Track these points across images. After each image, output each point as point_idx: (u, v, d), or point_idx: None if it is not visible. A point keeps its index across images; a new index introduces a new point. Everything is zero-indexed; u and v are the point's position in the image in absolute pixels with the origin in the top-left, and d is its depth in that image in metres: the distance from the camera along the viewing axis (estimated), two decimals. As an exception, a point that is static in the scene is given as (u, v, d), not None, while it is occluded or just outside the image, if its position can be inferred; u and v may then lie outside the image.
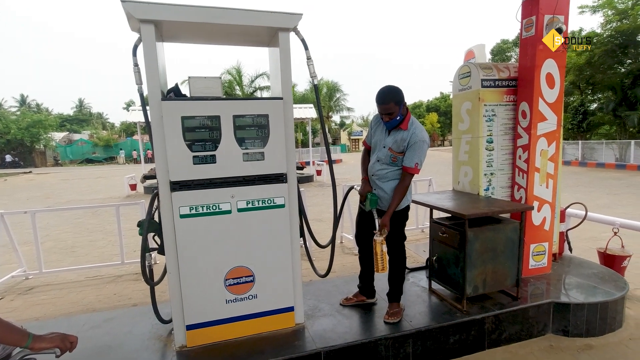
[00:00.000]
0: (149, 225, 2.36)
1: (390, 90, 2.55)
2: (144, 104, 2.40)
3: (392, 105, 2.51)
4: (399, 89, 2.57)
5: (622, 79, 19.18)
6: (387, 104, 2.52)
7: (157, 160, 2.26)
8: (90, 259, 5.52)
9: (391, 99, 2.51)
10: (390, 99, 2.51)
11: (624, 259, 3.59)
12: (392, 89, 2.56)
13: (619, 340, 2.85)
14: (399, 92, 2.55)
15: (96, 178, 21.58)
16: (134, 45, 2.32)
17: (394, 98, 2.52)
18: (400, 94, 2.55)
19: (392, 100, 2.51)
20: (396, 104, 2.52)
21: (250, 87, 26.87)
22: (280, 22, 2.37)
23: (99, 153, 41.00)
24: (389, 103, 2.52)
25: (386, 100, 2.52)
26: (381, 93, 2.55)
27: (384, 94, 2.54)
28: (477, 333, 2.74)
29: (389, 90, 2.55)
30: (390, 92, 2.54)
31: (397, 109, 2.53)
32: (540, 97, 3.18)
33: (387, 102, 2.52)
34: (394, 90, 2.55)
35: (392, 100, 2.51)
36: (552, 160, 3.31)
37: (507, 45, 29.08)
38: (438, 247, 3.09)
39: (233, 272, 2.45)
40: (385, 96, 2.53)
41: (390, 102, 2.51)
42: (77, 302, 3.90)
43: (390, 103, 2.51)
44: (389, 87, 2.57)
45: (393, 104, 2.51)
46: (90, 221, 8.36)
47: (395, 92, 2.53)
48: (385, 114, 2.56)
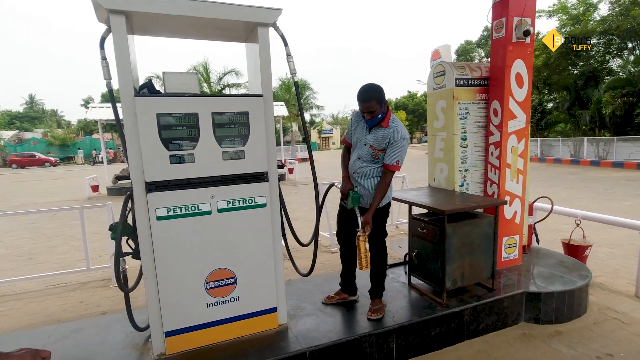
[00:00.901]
0: (123, 229, 2.22)
1: (372, 88, 2.55)
2: (113, 100, 2.26)
3: (374, 103, 2.51)
4: (380, 87, 2.57)
5: (575, 80, 20.50)
6: (369, 102, 2.52)
7: (130, 160, 2.13)
8: (51, 266, 5.17)
9: (373, 97, 2.51)
10: (372, 97, 2.51)
11: (585, 249, 3.83)
12: (373, 87, 2.55)
13: (585, 325, 3.03)
14: (381, 90, 2.56)
15: (52, 179, 20.31)
16: (101, 38, 2.17)
17: (375, 97, 2.51)
18: (381, 92, 2.55)
19: (373, 99, 2.51)
20: (378, 102, 2.52)
21: (218, 84, 26.19)
22: (260, 17, 2.31)
23: (55, 153, 38.56)
24: (371, 101, 2.51)
25: (368, 98, 2.52)
26: (363, 91, 2.54)
27: (366, 92, 2.53)
28: (457, 325, 2.82)
29: (370, 89, 2.54)
30: (372, 90, 2.53)
31: (378, 107, 2.53)
32: (511, 96, 3.31)
33: (369, 101, 2.52)
34: (375, 88, 2.55)
35: (374, 99, 2.51)
36: (522, 156, 3.46)
37: (470, 46, 30.26)
38: (417, 243, 3.14)
39: (214, 275, 2.37)
40: (367, 94, 2.52)
41: (372, 101, 2.51)
42: (39, 312, 3.64)
43: (372, 101, 2.51)
44: (370, 85, 2.56)
45: (375, 102, 2.51)
46: (48, 226, 7.84)
47: (377, 91, 2.53)
48: (367, 112, 2.56)
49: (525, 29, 3.19)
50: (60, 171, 27.22)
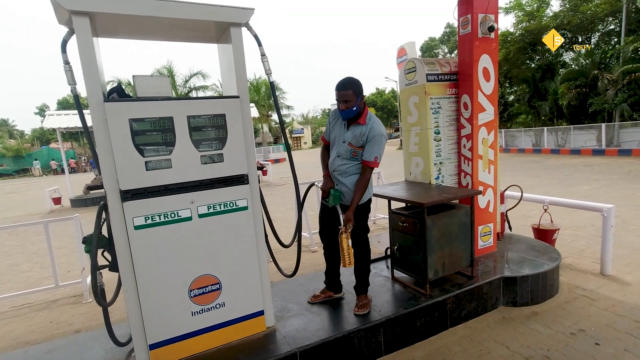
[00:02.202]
0: (98, 241, 2.11)
1: (351, 79, 2.61)
2: (79, 106, 2.15)
3: (351, 92, 2.55)
4: (359, 81, 2.63)
5: (533, 73, 21.56)
6: (346, 90, 2.55)
7: (103, 168, 2.03)
8: (14, 285, 4.86)
9: (350, 86, 2.56)
10: (350, 86, 2.56)
11: (554, 232, 4.04)
12: (352, 79, 2.62)
13: (558, 304, 3.20)
14: (359, 83, 2.62)
15: (7, 194, 19.06)
16: (62, 40, 2.05)
17: (353, 86, 2.56)
18: (359, 85, 2.60)
19: (351, 88, 2.56)
20: (354, 94, 2.56)
21: (184, 87, 25.49)
22: (232, 17, 2.26)
23: (8, 165, 36.17)
24: (348, 90, 2.55)
25: (345, 86, 2.56)
26: (341, 81, 2.60)
27: (345, 81, 2.59)
28: (440, 314, 2.89)
29: (349, 80, 2.60)
30: (351, 81, 2.60)
31: (354, 98, 2.57)
32: (479, 90, 3.43)
33: (347, 89, 2.55)
34: (354, 80, 2.62)
35: (351, 88, 2.56)
36: (492, 147, 3.60)
37: (434, 43, 31.15)
38: (398, 237, 3.20)
39: (198, 282, 2.30)
40: (345, 83, 2.58)
41: (349, 89, 2.55)
42: (4, 336, 3.41)
43: (349, 90, 2.55)
44: (350, 77, 2.63)
45: (352, 92, 2.55)
46: (6, 243, 7.36)
47: (355, 82, 2.60)
48: (343, 100, 2.58)
49: (490, 24, 3.32)
50: (15, 184, 25.56)
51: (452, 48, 29.41)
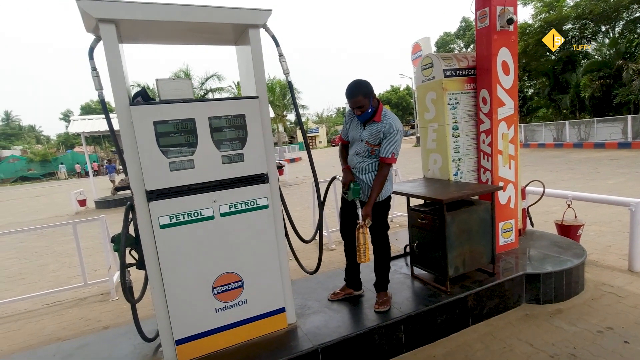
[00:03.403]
0: (126, 240, 2.20)
1: (357, 83, 2.57)
2: (106, 110, 2.24)
3: (361, 98, 2.53)
4: (366, 82, 2.59)
5: (553, 65, 20.95)
6: (356, 97, 2.53)
7: (130, 170, 2.11)
8: (45, 284, 5.06)
9: (359, 92, 2.53)
10: (358, 92, 2.53)
11: (578, 228, 3.94)
12: (359, 82, 2.58)
13: (583, 301, 3.12)
14: (367, 84, 2.57)
15: (35, 197, 19.81)
16: (89, 48, 2.14)
17: (362, 91, 2.53)
18: (368, 86, 2.56)
19: (360, 94, 2.53)
20: (365, 97, 2.53)
21: (201, 89, 25.92)
22: (250, 19, 2.30)
23: (36, 169, 37.59)
24: (358, 96, 2.53)
25: (354, 93, 2.54)
26: (349, 88, 2.57)
27: (352, 88, 2.55)
28: (461, 311, 2.87)
29: (356, 84, 2.56)
30: (358, 85, 2.55)
31: (366, 101, 2.55)
32: (498, 84, 3.38)
33: (356, 96, 2.53)
34: (361, 83, 2.57)
35: (360, 93, 2.53)
36: (512, 142, 3.54)
37: (449, 38, 30.64)
38: (417, 234, 3.18)
39: (221, 279, 2.36)
40: (353, 90, 2.55)
41: (359, 95, 2.53)
42: (37, 332, 3.56)
43: (358, 96, 2.53)
44: (356, 81, 2.59)
45: (362, 97, 2.53)
46: (36, 244, 7.66)
47: (362, 85, 2.55)
48: (356, 107, 2.58)
49: (509, 17, 3.26)
50: (41, 188, 26.54)
51: (469, 42, 28.88)
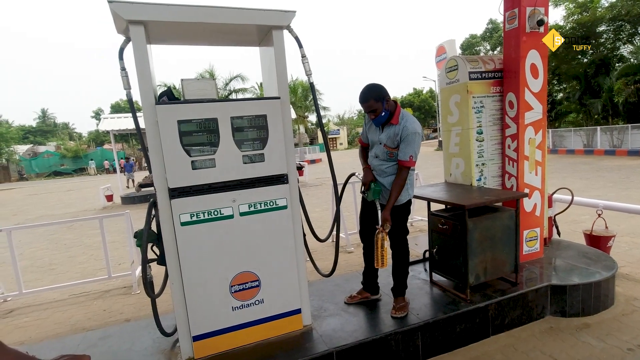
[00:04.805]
0: (148, 236, 2.25)
1: (369, 88, 2.57)
2: (133, 109, 2.30)
3: (373, 102, 2.53)
4: (379, 85, 2.58)
5: (585, 68, 20.14)
6: (367, 101, 2.54)
7: (154, 167, 2.16)
8: (72, 275, 5.26)
9: (370, 96, 2.53)
10: (370, 96, 2.53)
11: (609, 239, 3.76)
12: (371, 86, 2.57)
13: (613, 316, 2.97)
14: (379, 88, 2.56)
15: (66, 191, 20.68)
16: (120, 48, 2.21)
17: (373, 95, 2.52)
18: (379, 90, 2.55)
19: (371, 98, 2.53)
20: (377, 101, 2.53)
21: (225, 90, 26.43)
22: (275, 20, 2.32)
23: (68, 165, 39.30)
24: (369, 101, 2.53)
25: (366, 98, 2.54)
26: (361, 92, 2.58)
27: (363, 93, 2.56)
28: (482, 320, 2.79)
29: (367, 89, 2.57)
30: (369, 90, 2.55)
31: (379, 105, 2.53)
32: (526, 87, 3.27)
33: (367, 100, 2.54)
34: (372, 87, 2.56)
35: (372, 98, 2.52)
36: (540, 148, 3.41)
37: (475, 40, 29.97)
38: (438, 239, 3.12)
39: (238, 278, 2.39)
40: (365, 95, 2.55)
41: (370, 100, 2.53)
42: (64, 322, 3.70)
43: (370, 101, 2.53)
44: (368, 86, 2.59)
45: (373, 101, 2.52)
46: (66, 236, 7.99)
47: (373, 89, 2.54)
48: (369, 111, 2.58)
49: (539, 18, 3.15)
50: (72, 183, 27.68)
51: (495, 45, 28.11)
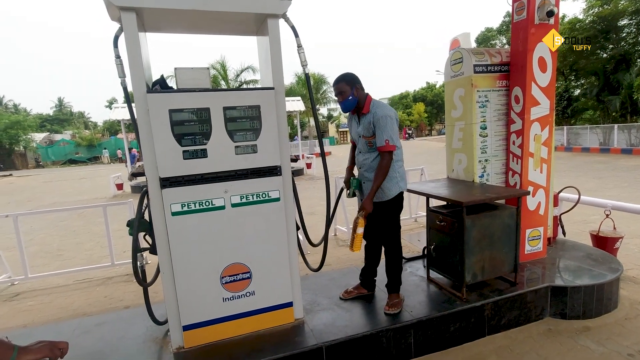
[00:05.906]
0: (139, 225, 2.26)
1: (344, 74, 2.68)
2: (128, 98, 2.28)
3: (343, 84, 2.62)
4: (353, 74, 2.68)
5: (604, 64, 19.48)
6: (339, 83, 2.64)
7: (145, 157, 2.15)
8: (78, 261, 5.36)
9: (343, 79, 2.64)
10: (341, 79, 2.64)
11: (616, 241, 3.64)
12: (345, 73, 2.69)
13: (615, 320, 2.88)
14: (352, 75, 2.67)
15: (80, 179, 21.08)
16: (114, 36, 2.19)
17: (344, 78, 2.63)
18: (352, 77, 2.65)
19: (343, 80, 2.63)
20: (347, 84, 2.62)
21: (236, 81, 26.44)
22: (269, 8, 2.27)
23: (82, 153, 40.10)
24: (340, 82, 2.64)
25: (338, 80, 2.66)
26: (336, 77, 2.70)
27: (338, 76, 2.69)
28: (477, 320, 2.73)
29: (342, 74, 2.68)
30: (344, 75, 2.67)
31: (347, 88, 2.61)
32: (533, 82, 3.15)
33: (339, 82, 2.64)
34: (347, 73, 2.68)
35: (343, 80, 2.63)
36: (546, 144, 3.30)
37: (491, 34, 29.23)
38: (436, 236, 3.06)
39: (229, 270, 2.38)
40: (338, 77, 2.68)
41: (342, 82, 2.63)
42: (66, 307, 3.77)
43: (341, 82, 2.63)
44: (343, 72, 2.70)
45: (344, 84, 2.62)
46: (75, 223, 8.14)
47: (347, 75, 2.66)
48: (338, 93, 2.65)
49: (549, 9, 3.02)
50: (86, 171, 28.21)
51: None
